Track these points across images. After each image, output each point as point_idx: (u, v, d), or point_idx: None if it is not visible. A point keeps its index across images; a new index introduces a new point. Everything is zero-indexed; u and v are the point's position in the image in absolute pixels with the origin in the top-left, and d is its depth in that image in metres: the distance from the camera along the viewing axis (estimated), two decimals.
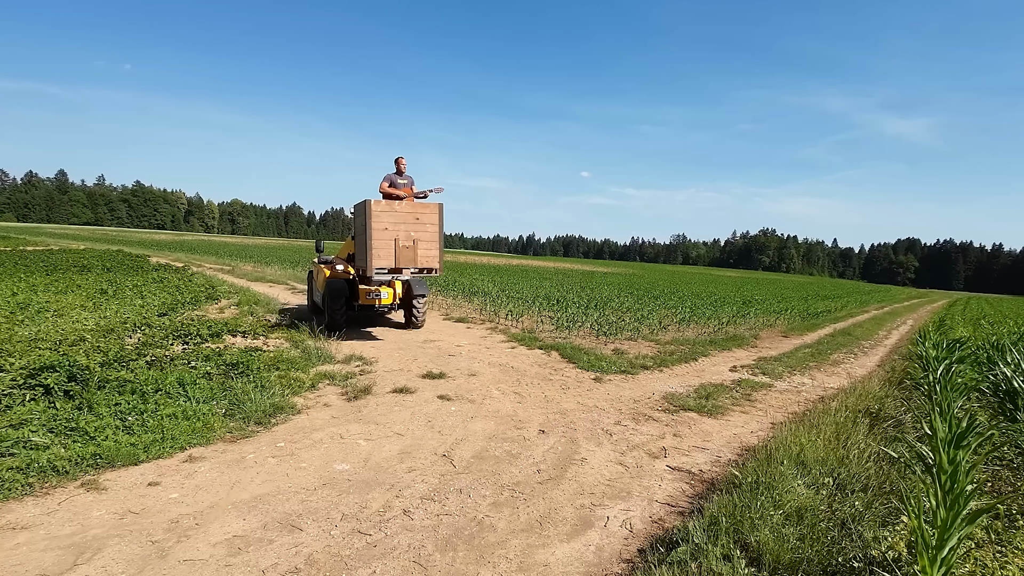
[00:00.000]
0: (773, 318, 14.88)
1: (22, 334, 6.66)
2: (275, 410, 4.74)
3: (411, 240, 7.98)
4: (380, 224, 7.76)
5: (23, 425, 3.76)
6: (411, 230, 7.98)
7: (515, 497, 3.50)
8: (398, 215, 7.90)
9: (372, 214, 7.68)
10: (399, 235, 7.89)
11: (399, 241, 7.88)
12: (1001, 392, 4.98)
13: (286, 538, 2.87)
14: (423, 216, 8.12)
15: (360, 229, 8.15)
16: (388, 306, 9.23)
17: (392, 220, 7.85)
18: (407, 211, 7.99)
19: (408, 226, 7.97)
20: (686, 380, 7.19)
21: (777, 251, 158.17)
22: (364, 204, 7.85)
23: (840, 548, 2.64)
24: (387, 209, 7.85)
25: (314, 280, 10.40)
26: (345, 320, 8.88)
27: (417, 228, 8.03)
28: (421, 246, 8.06)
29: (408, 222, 7.98)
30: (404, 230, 7.94)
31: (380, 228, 7.74)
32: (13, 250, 24.76)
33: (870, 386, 6.46)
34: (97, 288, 12.04)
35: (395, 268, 7.92)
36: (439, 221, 8.29)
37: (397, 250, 7.87)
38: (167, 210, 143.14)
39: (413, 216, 8.03)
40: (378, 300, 8.96)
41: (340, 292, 8.71)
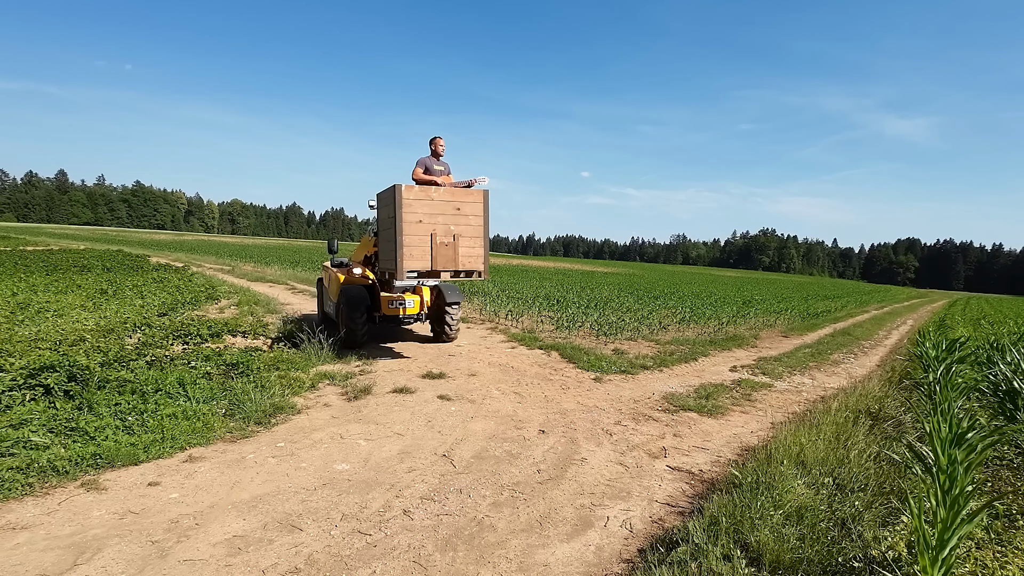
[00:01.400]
0: (773, 318, 14.88)
1: (22, 334, 6.66)
2: (275, 410, 4.74)
3: (450, 235, 6.54)
4: (413, 215, 6.31)
5: (23, 425, 3.76)
6: (451, 223, 6.55)
7: (515, 497, 3.50)
8: (435, 204, 6.47)
9: (403, 202, 6.23)
10: (436, 229, 6.46)
11: (436, 237, 6.45)
12: (1001, 392, 4.98)
13: (286, 538, 2.87)
14: (465, 206, 6.67)
15: (386, 222, 6.75)
16: (414, 316, 8.12)
17: (428, 211, 6.41)
18: (446, 199, 6.54)
19: (447, 218, 6.54)
20: (686, 380, 7.19)
21: (777, 251, 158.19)
22: (392, 191, 6.36)
23: (840, 548, 2.64)
24: (422, 197, 6.38)
25: (325, 287, 9.23)
26: (366, 334, 7.71)
27: (458, 221, 6.61)
28: (463, 243, 6.63)
29: (447, 213, 6.54)
30: (442, 223, 6.51)
31: (413, 220, 6.30)
32: (13, 250, 24.76)
33: (870, 386, 6.46)
34: (97, 288, 12.04)
35: (431, 270, 6.47)
36: (484, 212, 6.81)
37: (434, 248, 6.43)
38: (167, 210, 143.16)
39: (453, 206, 6.56)
40: (403, 310, 7.89)
41: (359, 301, 7.51)
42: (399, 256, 6.28)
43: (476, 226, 6.76)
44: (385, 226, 6.88)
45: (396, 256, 6.30)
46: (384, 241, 7.00)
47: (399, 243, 6.26)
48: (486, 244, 6.85)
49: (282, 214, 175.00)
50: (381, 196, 7.07)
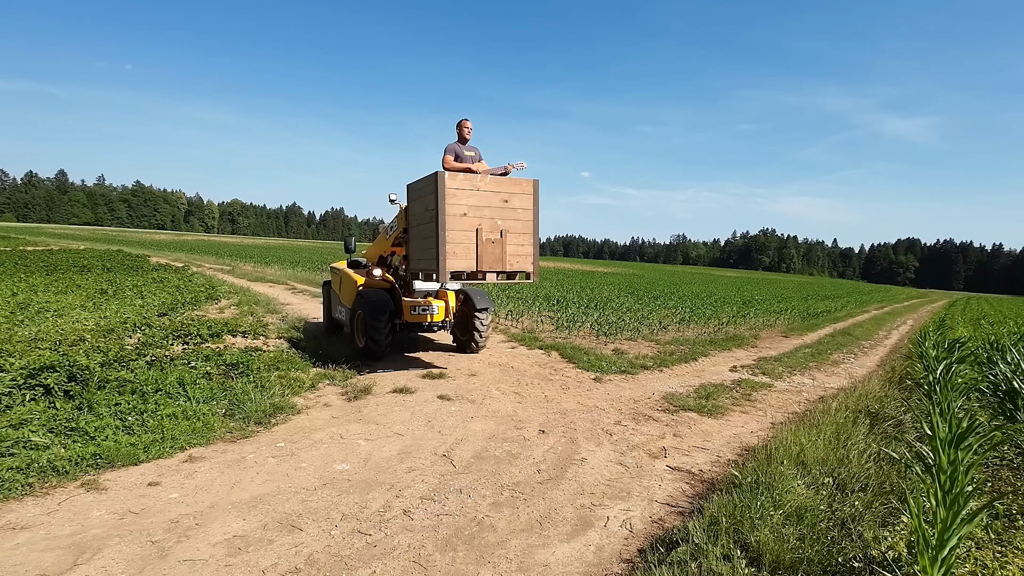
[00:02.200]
0: (773, 318, 14.88)
1: (22, 334, 6.66)
2: (275, 410, 4.74)
3: (497, 231, 5.82)
4: (457, 208, 5.59)
5: (23, 425, 3.76)
6: (498, 217, 5.84)
7: (515, 497, 3.50)
8: (481, 195, 5.76)
9: (446, 192, 5.51)
10: (482, 224, 5.74)
11: (482, 232, 5.72)
12: (1001, 392, 4.98)
13: (286, 538, 2.87)
14: (514, 198, 5.97)
15: (421, 216, 6.02)
16: (439, 324, 7.50)
17: (473, 202, 5.71)
18: (493, 190, 5.84)
19: (494, 211, 5.82)
20: (686, 380, 7.19)
21: (777, 251, 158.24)
22: (433, 179, 5.63)
23: (840, 548, 2.64)
24: (466, 186, 5.67)
25: (334, 291, 8.47)
26: (389, 344, 7.05)
27: (505, 215, 5.91)
28: (510, 240, 5.93)
29: (494, 205, 5.84)
30: (488, 217, 5.79)
31: (457, 214, 5.58)
32: (13, 250, 24.76)
33: (870, 386, 6.46)
34: (97, 288, 12.05)
35: (476, 271, 5.76)
36: (535, 205, 6.11)
37: (480, 245, 5.70)
38: (167, 210, 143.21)
39: (500, 197, 5.88)
40: (431, 316, 7.29)
41: (383, 306, 6.82)
42: (441, 255, 5.50)
43: (525, 220, 6.05)
44: (420, 220, 6.05)
45: (438, 255, 5.51)
46: (417, 238, 6.22)
47: (441, 239, 5.48)
48: (536, 241, 6.14)
49: (282, 214, 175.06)
50: (413, 187, 6.26)
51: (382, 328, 6.77)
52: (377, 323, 6.73)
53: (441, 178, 5.51)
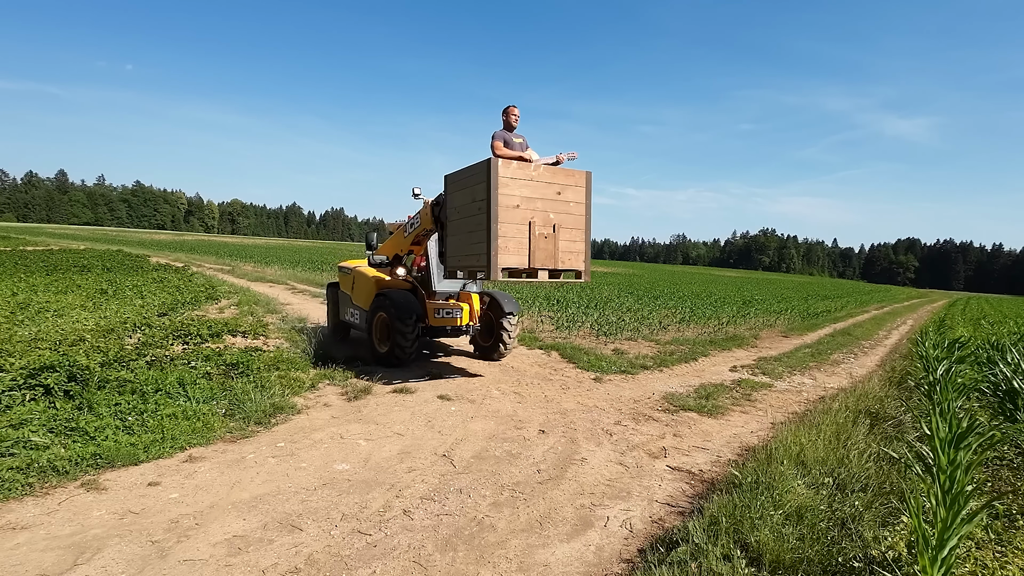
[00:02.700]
0: (773, 318, 14.88)
1: (22, 334, 6.65)
2: (275, 410, 4.74)
3: (550, 225, 5.42)
4: (510, 198, 5.16)
5: (23, 425, 3.76)
6: (550, 210, 5.44)
7: (515, 497, 3.49)
8: (535, 186, 5.35)
9: (499, 181, 5.08)
10: (535, 217, 5.32)
11: (535, 226, 5.29)
12: (1001, 392, 4.98)
13: (286, 538, 2.87)
14: (567, 190, 5.57)
15: (467, 208, 5.54)
16: (463, 328, 7.08)
17: (527, 193, 5.28)
18: (547, 180, 5.45)
19: (547, 204, 5.42)
20: (686, 380, 7.19)
21: (777, 251, 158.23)
22: (484, 167, 5.19)
23: (840, 548, 2.64)
24: (520, 176, 5.25)
25: (343, 292, 8.07)
26: (416, 350, 6.66)
27: (558, 208, 5.51)
28: (563, 235, 5.53)
29: (547, 197, 5.43)
30: (542, 210, 5.37)
31: (510, 205, 5.16)
32: (13, 250, 24.76)
33: (870, 386, 6.46)
34: (97, 288, 12.04)
35: (528, 268, 5.35)
36: (587, 199, 5.72)
37: (532, 240, 5.28)
38: (167, 210, 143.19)
39: (554, 189, 5.47)
40: (458, 319, 6.90)
41: (411, 308, 6.46)
42: (493, 249, 5.04)
43: (578, 215, 5.65)
44: (464, 213, 5.57)
45: (489, 249, 5.06)
46: (459, 232, 5.69)
47: (493, 233, 5.03)
48: (588, 238, 5.76)
49: (282, 214, 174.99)
50: (455, 177, 5.78)
51: (410, 332, 6.40)
52: (405, 326, 6.37)
53: (494, 165, 5.06)
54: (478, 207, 5.27)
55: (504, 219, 5.12)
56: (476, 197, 5.31)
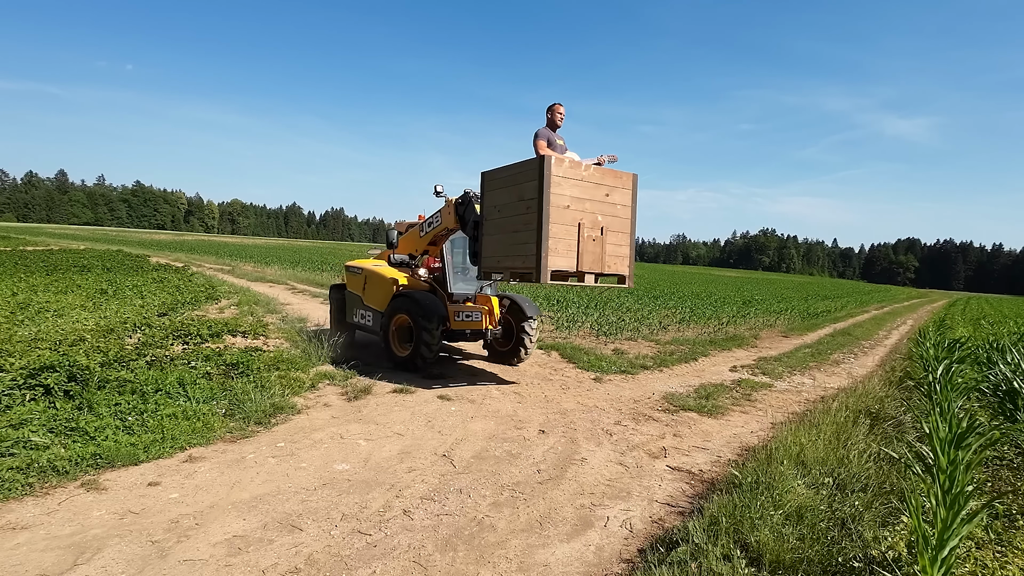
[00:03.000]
0: (773, 318, 14.88)
1: (22, 334, 6.65)
2: (275, 410, 4.74)
3: (598, 228, 5.25)
4: (561, 198, 4.99)
5: (23, 425, 3.76)
6: (599, 212, 5.28)
7: (515, 497, 3.49)
8: (584, 187, 5.19)
9: (552, 180, 4.90)
10: (584, 219, 5.15)
11: (584, 228, 5.12)
12: (1001, 392, 4.98)
13: (286, 538, 2.87)
14: (614, 192, 5.41)
15: (510, 207, 5.33)
16: (481, 332, 6.84)
17: (576, 193, 5.12)
18: (596, 181, 5.28)
19: (595, 206, 5.26)
20: (686, 380, 7.19)
21: (777, 251, 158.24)
22: (535, 164, 5.03)
23: (840, 548, 2.64)
24: (572, 175, 5.09)
25: (351, 293, 7.74)
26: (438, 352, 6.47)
27: (606, 210, 5.34)
28: (610, 238, 5.37)
29: (596, 199, 5.27)
30: (590, 211, 5.21)
31: (560, 205, 4.98)
32: (13, 250, 24.76)
33: (870, 386, 6.46)
34: (97, 288, 12.04)
35: (576, 271, 5.20)
36: (633, 202, 5.60)
37: (581, 242, 5.12)
38: (167, 210, 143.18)
39: (602, 190, 5.31)
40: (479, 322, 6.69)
41: (436, 309, 6.28)
42: (544, 251, 4.87)
43: (624, 218, 5.51)
44: (507, 212, 5.36)
45: (539, 251, 4.88)
46: (500, 232, 5.47)
47: (545, 234, 4.86)
48: (633, 243, 5.62)
49: (282, 214, 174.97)
50: (495, 175, 5.52)
51: (435, 335, 6.22)
52: (430, 329, 6.18)
53: (548, 163, 4.88)
54: (526, 206, 5.07)
55: (555, 220, 4.94)
56: (524, 196, 5.11)
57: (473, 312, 6.71)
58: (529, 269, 5.06)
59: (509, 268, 5.43)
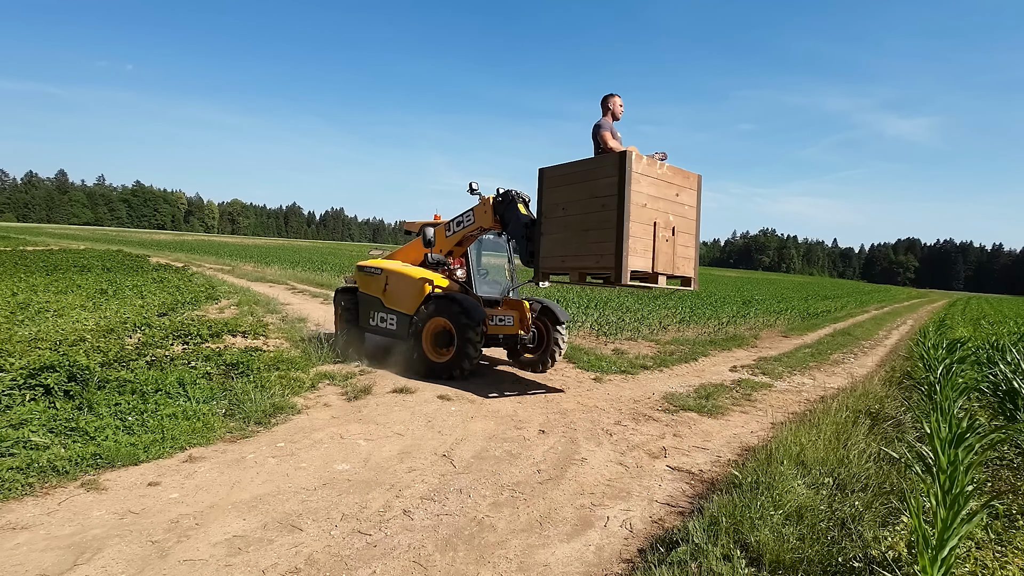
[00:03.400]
0: (773, 318, 14.88)
1: (22, 334, 6.65)
2: (275, 410, 4.74)
3: (670, 228, 5.07)
4: (639, 196, 4.78)
5: (23, 425, 3.76)
6: (670, 212, 5.10)
7: (515, 497, 3.49)
8: (659, 185, 4.99)
9: (632, 175, 4.68)
10: (658, 218, 4.94)
11: (658, 227, 4.92)
12: (1001, 392, 4.98)
13: (286, 538, 2.87)
14: (683, 192, 5.24)
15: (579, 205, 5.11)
16: (517, 338, 6.61)
17: (652, 192, 4.92)
18: (668, 180, 5.10)
19: (667, 205, 5.07)
20: (686, 380, 7.19)
21: (777, 251, 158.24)
22: (614, 160, 4.81)
23: (840, 548, 2.64)
24: (650, 172, 4.90)
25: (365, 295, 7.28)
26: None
27: (676, 210, 5.17)
28: (679, 239, 5.20)
29: (667, 198, 5.08)
30: (663, 211, 5.01)
31: (639, 203, 4.77)
32: (13, 250, 24.76)
33: (870, 386, 6.46)
34: (97, 288, 12.04)
35: (651, 272, 4.98)
36: (698, 202, 5.44)
37: (656, 242, 4.92)
38: (167, 210, 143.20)
39: (673, 190, 5.13)
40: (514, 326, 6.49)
41: (480, 312, 6.09)
42: (625, 250, 4.66)
43: (691, 219, 5.35)
44: (575, 210, 5.15)
45: (619, 250, 4.68)
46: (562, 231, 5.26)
47: (626, 232, 4.66)
48: (698, 245, 5.49)
49: (282, 214, 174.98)
50: (559, 171, 5.32)
51: (479, 340, 6.04)
52: (475, 333, 5.97)
53: (629, 159, 4.65)
54: (601, 203, 4.85)
55: (634, 218, 4.72)
56: (598, 193, 4.90)
57: (506, 316, 6.50)
58: (606, 269, 4.85)
59: (578, 268, 5.18)
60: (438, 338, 6.37)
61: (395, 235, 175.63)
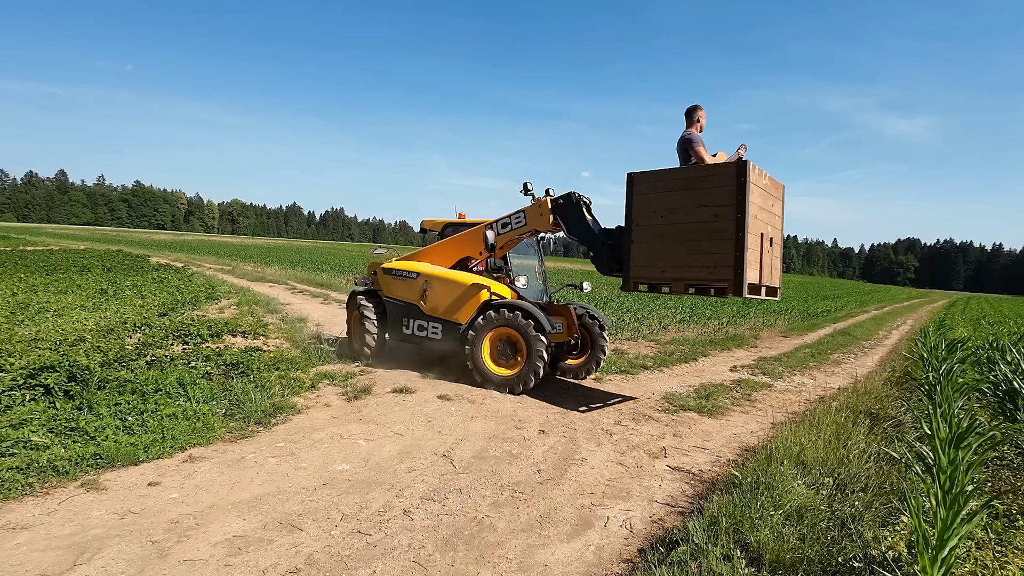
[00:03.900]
0: (773, 318, 14.87)
1: (22, 334, 6.65)
2: (275, 410, 4.74)
3: (769, 239, 5.07)
4: (753, 206, 4.72)
5: (23, 425, 3.76)
6: (768, 223, 5.09)
7: (515, 497, 3.49)
8: (764, 195, 4.99)
9: (750, 187, 4.63)
10: (763, 229, 4.96)
11: (764, 238, 4.98)
12: (1001, 392, 4.98)
13: (286, 538, 2.87)
14: (776, 203, 5.26)
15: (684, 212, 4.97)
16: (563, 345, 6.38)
17: (760, 202, 4.91)
18: (769, 190, 5.12)
19: (767, 215, 5.07)
20: (686, 380, 7.19)
21: None
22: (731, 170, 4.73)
23: (840, 548, 2.64)
24: (759, 183, 4.86)
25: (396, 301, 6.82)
26: None
27: (772, 220, 5.16)
28: (775, 250, 5.23)
29: (767, 208, 5.09)
30: (764, 220, 5.00)
31: (752, 214, 4.71)
32: (13, 250, 24.76)
33: (870, 386, 6.46)
34: (97, 288, 12.04)
35: (758, 283, 4.92)
36: (783, 212, 5.48)
37: (763, 253, 4.96)
38: (167, 210, 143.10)
39: (771, 200, 5.18)
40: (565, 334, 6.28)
41: (548, 325, 5.89)
42: (747, 261, 4.61)
43: (779, 229, 5.35)
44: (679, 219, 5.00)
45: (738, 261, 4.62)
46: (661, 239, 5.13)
47: (746, 244, 4.60)
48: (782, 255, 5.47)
49: (282, 214, 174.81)
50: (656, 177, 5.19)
51: (550, 352, 5.89)
52: (546, 346, 5.78)
53: (750, 171, 4.60)
54: (714, 213, 4.76)
55: (751, 230, 4.67)
56: (709, 202, 4.80)
57: (556, 323, 6.22)
58: (721, 281, 4.72)
59: (684, 279, 4.99)
60: (500, 349, 6.05)
61: (395, 235, 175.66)
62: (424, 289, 6.59)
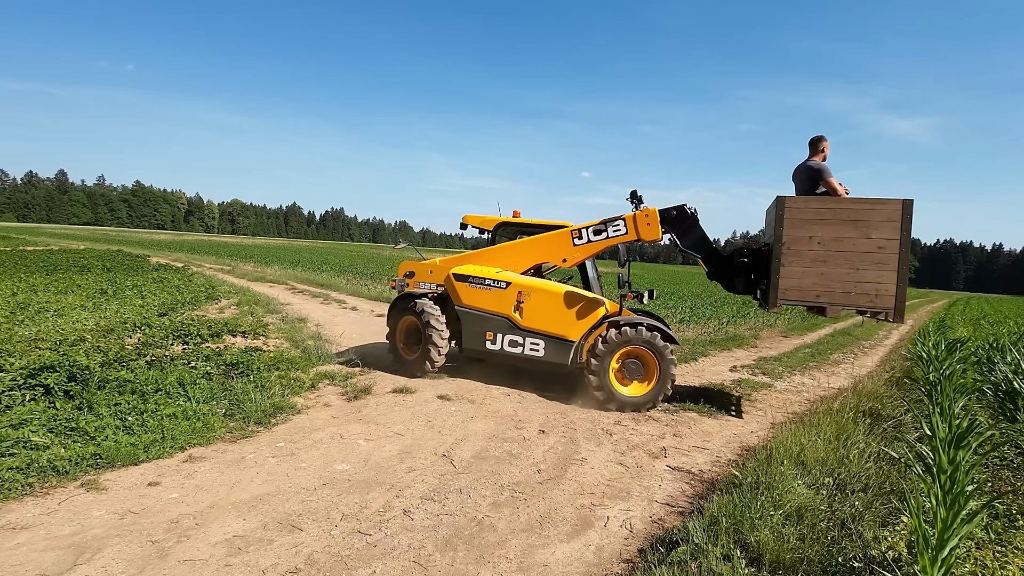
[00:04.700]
0: (773, 318, 14.86)
1: (22, 334, 6.66)
2: (275, 410, 4.74)
3: None
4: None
5: (23, 425, 3.76)
6: None
7: (515, 497, 3.50)
8: None
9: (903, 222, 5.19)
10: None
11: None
12: (1001, 392, 4.98)
13: (286, 538, 2.87)
14: None
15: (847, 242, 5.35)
16: None
17: None
18: None
19: None
20: (686, 380, 7.18)
21: None
22: (900, 206, 5.15)
23: (840, 548, 2.64)
24: None
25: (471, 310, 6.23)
26: None
27: None
28: None
29: None
30: None
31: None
32: (13, 250, 24.76)
33: (870, 386, 6.46)
34: (97, 288, 12.04)
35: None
36: None
37: None
38: (167, 210, 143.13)
39: None
40: None
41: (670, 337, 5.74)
42: (903, 290, 5.18)
43: None
44: (837, 247, 5.36)
45: (900, 291, 5.17)
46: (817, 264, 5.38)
47: (902, 275, 5.20)
48: None
49: (282, 214, 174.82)
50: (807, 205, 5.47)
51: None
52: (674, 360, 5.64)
53: (911, 208, 5.13)
54: (877, 245, 5.23)
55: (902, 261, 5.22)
56: (873, 234, 5.24)
57: None
58: (883, 308, 5.23)
59: (842, 304, 5.36)
60: (627, 368, 5.70)
61: (395, 235, 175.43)
62: (519, 300, 6.03)
